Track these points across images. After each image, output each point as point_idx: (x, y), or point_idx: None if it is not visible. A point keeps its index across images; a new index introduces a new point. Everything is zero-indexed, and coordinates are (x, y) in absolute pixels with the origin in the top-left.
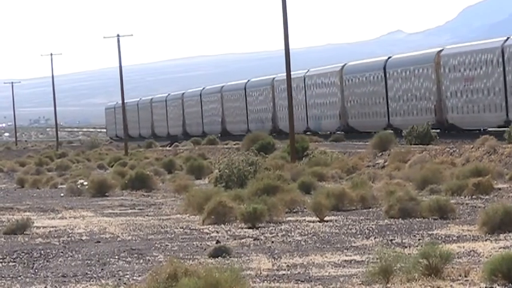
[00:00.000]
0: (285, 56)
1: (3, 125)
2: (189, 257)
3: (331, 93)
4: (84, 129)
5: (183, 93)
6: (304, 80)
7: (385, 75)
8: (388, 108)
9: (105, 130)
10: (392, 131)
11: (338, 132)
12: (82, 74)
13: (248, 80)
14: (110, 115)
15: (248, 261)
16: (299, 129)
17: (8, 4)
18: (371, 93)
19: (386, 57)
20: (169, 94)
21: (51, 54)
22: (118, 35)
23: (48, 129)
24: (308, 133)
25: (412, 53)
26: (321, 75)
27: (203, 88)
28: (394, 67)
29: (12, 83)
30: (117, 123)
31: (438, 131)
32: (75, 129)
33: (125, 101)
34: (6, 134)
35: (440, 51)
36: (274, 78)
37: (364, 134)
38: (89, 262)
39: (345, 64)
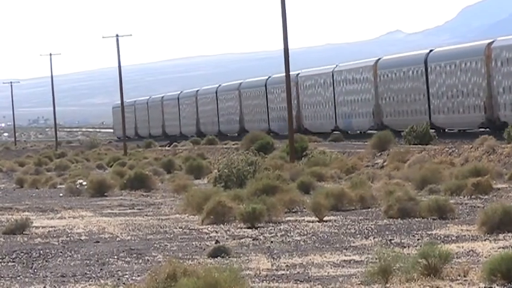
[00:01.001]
0: (284, 55)
1: (3, 125)
2: (188, 257)
3: (364, 90)
4: (84, 129)
5: (197, 91)
6: (333, 75)
7: (426, 70)
8: (429, 105)
9: (111, 130)
10: (434, 130)
11: (371, 131)
12: (81, 74)
13: (269, 77)
14: (118, 114)
15: (247, 261)
16: (326, 128)
17: (8, 4)
18: (409, 90)
19: (428, 51)
20: (181, 92)
21: (51, 54)
22: (117, 35)
23: (47, 129)
24: (336, 132)
25: (458, 46)
26: (352, 71)
27: (219, 85)
28: (436, 61)
29: (11, 83)
30: (127, 122)
31: (488, 129)
32: (75, 129)
33: (134, 100)
34: (6, 134)
35: (491, 43)
36: (298, 74)
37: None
38: (88, 262)
39: (380, 58)
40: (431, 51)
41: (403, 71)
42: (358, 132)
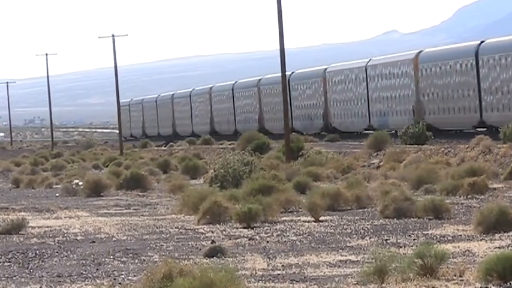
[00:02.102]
0: (280, 55)
1: None
2: (184, 257)
3: (403, 85)
4: (86, 129)
5: (211, 88)
6: (366, 70)
7: (477, 63)
8: (480, 102)
9: (115, 130)
10: (486, 129)
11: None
12: (77, 74)
13: (292, 72)
14: (124, 113)
15: (243, 261)
16: (359, 127)
17: (3, 4)
18: (457, 85)
19: (479, 42)
20: (193, 89)
21: (47, 54)
22: (113, 35)
23: (43, 129)
24: (369, 131)
25: None
26: (389, 65)
27: (235, 82)
28: (489, 53)
29: (7, 83)
30: (133, 121)
31: None
32: (71, 129)
33: (142, 98)
34: (1, 134)
35: None
36: (326, 69)
37: (444, 132)
38: (84, 262)
39: (421, 51)
40: (482, 42)
41: (450, 64)
42: (395, 131)
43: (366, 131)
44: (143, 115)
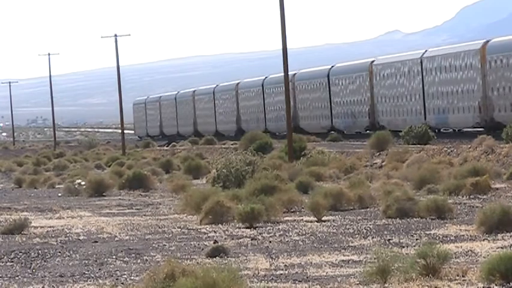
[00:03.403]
0: (282, 55)
1: (1, 124)
2: (186, 257)
3: (466, 79)
4: (82, 129)
5: (238, 84)
6: (421, 62)
7: None
8: None
9: (128, 129)
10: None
11: (476, 128)
12: (80, 74)
13: (332, 66)
14: (140, 111)
15: (246, 261)
16: (412, 124)
17: (6, 4)
18: None
19: None
20: (217, 85)
21: (49, 54)
22: (115, 35)
23: (45, 129)
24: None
25: None
26: (450, 56)
27: (266, 77)
28: None
29: (9, 82)
30: (150, 120)
31: None
32: (73, 129)
33: (159, 95)
34: (4, 134)
35: None
36: (372, 62)
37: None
38: (86, 262)
39: (488, 40)
40: None
41: None
42: (456, 130)
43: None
44: (161, 113)
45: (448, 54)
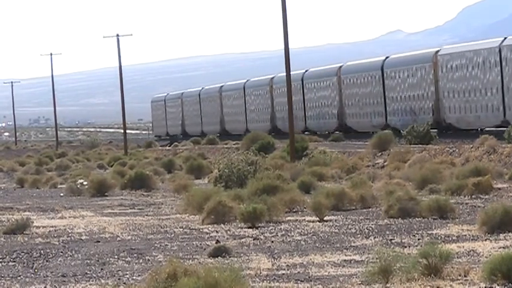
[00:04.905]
0: (284, 55)
1: (3, 124)
2: (188, 256)
3: None
4: (84, 129)
5: (272, 78)
6: (500, 51)
7: None
8: None
9: (146, 129)
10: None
11: None
12: (82, 73)
13: (387, 57)
14: (159, 109)
15: (248, 261)
16: (487, 123)
17: (8, 4)
18: None
19: None
20: (248, 80)
21: (51, 54)
22: (117, 35)
23: (47, 129)
24: (503, 128)
25: None
26: None
27: (306, 70)
28: None
29: (12, 82)
30: (169, 118)
31: None
32: (75, 129)
33: (181, 91)
34: (6, 134)
35: None
36: (438, 51)
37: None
38: (88, 262)
39: None
40: None
41: None
42: None
43: (499, 128)
44: (183, 111)
45: None
